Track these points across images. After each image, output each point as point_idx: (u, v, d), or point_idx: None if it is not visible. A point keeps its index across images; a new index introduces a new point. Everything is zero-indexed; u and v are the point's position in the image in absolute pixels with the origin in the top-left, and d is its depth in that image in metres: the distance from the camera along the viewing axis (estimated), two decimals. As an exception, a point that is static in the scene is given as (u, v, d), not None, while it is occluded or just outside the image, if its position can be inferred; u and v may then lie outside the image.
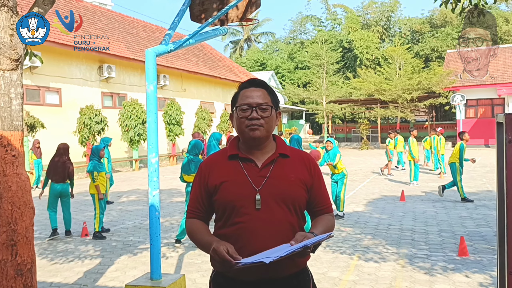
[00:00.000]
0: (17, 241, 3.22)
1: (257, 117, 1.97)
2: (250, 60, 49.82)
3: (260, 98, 2.00)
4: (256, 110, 1.98)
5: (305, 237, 1.83)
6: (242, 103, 2.01)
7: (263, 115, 1.99)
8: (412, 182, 13.04)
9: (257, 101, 1.99)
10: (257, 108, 1.98)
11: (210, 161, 2.10)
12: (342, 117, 39.04)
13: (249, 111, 1.98)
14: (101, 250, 6.88)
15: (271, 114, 2.01)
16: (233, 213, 1.95)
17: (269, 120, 2.00)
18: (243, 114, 1.99)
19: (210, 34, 4.75)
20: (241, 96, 2.04)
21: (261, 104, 1.99)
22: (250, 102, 1.99)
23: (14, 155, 3.25)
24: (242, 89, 2.06)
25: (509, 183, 1.87)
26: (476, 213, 8.96)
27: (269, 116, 2.00)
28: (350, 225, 8.09)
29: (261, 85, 2.06)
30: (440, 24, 45.36)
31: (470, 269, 5.57)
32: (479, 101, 30.31)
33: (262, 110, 1.99)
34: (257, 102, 1.99)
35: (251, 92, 2.02)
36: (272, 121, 2.02)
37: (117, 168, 20.16)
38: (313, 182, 2.05)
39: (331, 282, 5.23)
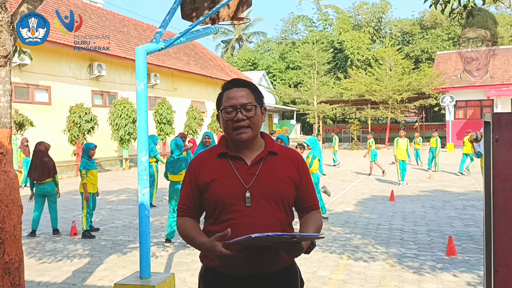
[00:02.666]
0: (5, 240, 3.19)
1: (243, 118, 1.98)
2: (241, 60, 49.81)
3: (244, 98, 2.01)
4: (241, 110, 1.99)
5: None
6: (227, 105, 2.01)
7: (248, 115, 1.99)
8: (401, 182, 13.12)
9: (241, 101, 2.00)
10: (242, 108, 1.99)
11: (200, 159, 2.10)
12: (333, 117, 39.17)
13: (234, 112, 1.99)
14: (90, 249, 6.83)
15: (256, 113, 2.02)
16: (224, 210, 1.96)
17: (255, 119, 2.01)
18: (228, 116, 2.00)
19: (201, 33, 4.75)
20: (225, 97, 2.04)
21: (245, 105, 2.00)
22: (234, 103, 2.00)
23: (2, 152, 3.21)
24: (225, 90, 2.06)
25: (495, 181, 1.90)
26: (464, 213, 9.04)
27: (254, 116, 2.01)
28: (340, 225, 8.12)
29: (243, 85, 2.06)
30: (430, 26, 45.72)
31: (458, 268, 5.62)
32: (468, 103, 30.61)
33: (246, 110, 2.00)
34: (241, 103, 1.99)
35: (234, 93, 2.02)
36: (258, 120, 2.03)
37: (107, 167, 20.05)
38: (301, 180, 2.08)
39: (320, 281, 5.25)
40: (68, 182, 15.31)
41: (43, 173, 7.72)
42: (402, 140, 13.25)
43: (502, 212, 1.88)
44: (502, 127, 1.88)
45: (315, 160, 8.62)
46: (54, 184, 7.87)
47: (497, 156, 1.89)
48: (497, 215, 1.88)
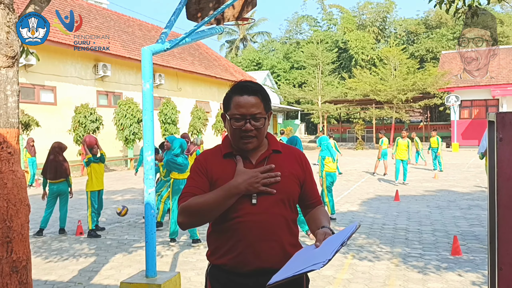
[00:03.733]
0: (13, 238, 3.22)
1: (251, 129, 1.97)
2: (245, 60, 49.85)
3: (254, 108, 1.97)
4: (250, 121, 1.97)
5: (325, 234, 1.86)
6: (236, 112, 1.98)
7: (257, 125, 1.98)
8: (404, 182, 13.17)
9: (251, 111, 1.96)
10: (251, 119, 1.97)
11: (206, 157, 2.11)
12: (338, 117, 39.12)
13: (242, 121, 1.97)
14: (96, 249, 6.87)
15: (264, 124, 2.01)
16: (230, 208, 1.98)
17: (262, 129, 2.01)
18: (237, 124, 1.98)
19: (206, 33, 4.77)
20: (235, 103, 1.99)
21: (255, 115, 1.97)
22: (244, 112, 1.96)
23: (10, 152, 3.25)
24: (235, 95, 2.01)
25: (500, 180, 1.91)
26: (469, 213, 9.02)
27: (263, 126, 2.00)
28: (345, 225, 8.13)
29: (254, 92, 2.00)
30: (435, 25, 45.59)
31: (463, 268, 5.62)
32: (473, 102, 30.49)
33: (255, 120, 1.98)
34: (250, 113, 1.96)
35: (244, 100, 1.97)
36: (265, 129, 2.02)
37: (112, 167, 20.12)
38: (306, 177, 2.11)
39: (325, 280, 5.26)
40: (74, 182, 15.32)
41: (59, 173, 7.84)
42: (403, 141, 13.32)
43: (506, 211, 1.89)
44: (506, 126, 1.89)
45: (325, 160, 8.62)
46: (68, 184, 7.95)
47: (501, 155, 1.90)
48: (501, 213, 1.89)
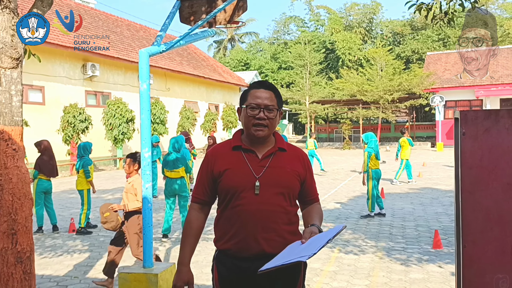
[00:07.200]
0: (17, 230, 3.40)
1: (264, 117, 2.22)
2: (233, 60, 50.00)
3: (268, 100, 2.24)
4: (264, 111, 2.23)
5: (311, 233, 2.08)
6: (252, 102, 2.24)
7: (269, 116, 2.24)
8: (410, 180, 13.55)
9: (266, 102, 2.23)
10: (265, 109, 2.23)
11: (216, 151, 2.36)
12: (325, 117, 39.49)
13: (257, 110, 2.23)
14: (89, 245, 7.03)
15: (276, 115, 2.27)
16: (234, 197, 2.21)
17: (274, 120, 2.26)
18: (252, 113, 2.23)
19: (199, 36, 4.98)
20: (251, 95, 2.26)
21: (268, 106, 2.24)
22: (259, 102, 2.23)
23: (15, 148, 3.42)
24: (252, 89, 2.30)
25: (462, 169, 2.17)
26: (451, 209, 9.35)
27: (274, 118, 2.26)
28: (332, 221, 8.39)
29: (270, 88, 2.29)
30: (421, 27, 46.22)
31: (443, 260, 5.90)
32: (458, 103, 31.06)
33: (268, 111, 2.24)
34: (265, 104, 2.23)
35: (261, 93, 2.25)
36: (275, 121, 2.28)
37: (100, 166, 20.17)
38: (306, 176, 2.35)
39: (312, 272, 5.50)
40: (63, 181, 15.44)
41: (54, 170, 8.02)
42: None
43: (468, 195, 2.15)
44: (468, 122, 2.16)
45: (371, 156, 8.66)
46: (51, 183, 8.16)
47: (464, 147, 2.16)
48: (464, 197, 2.15)
